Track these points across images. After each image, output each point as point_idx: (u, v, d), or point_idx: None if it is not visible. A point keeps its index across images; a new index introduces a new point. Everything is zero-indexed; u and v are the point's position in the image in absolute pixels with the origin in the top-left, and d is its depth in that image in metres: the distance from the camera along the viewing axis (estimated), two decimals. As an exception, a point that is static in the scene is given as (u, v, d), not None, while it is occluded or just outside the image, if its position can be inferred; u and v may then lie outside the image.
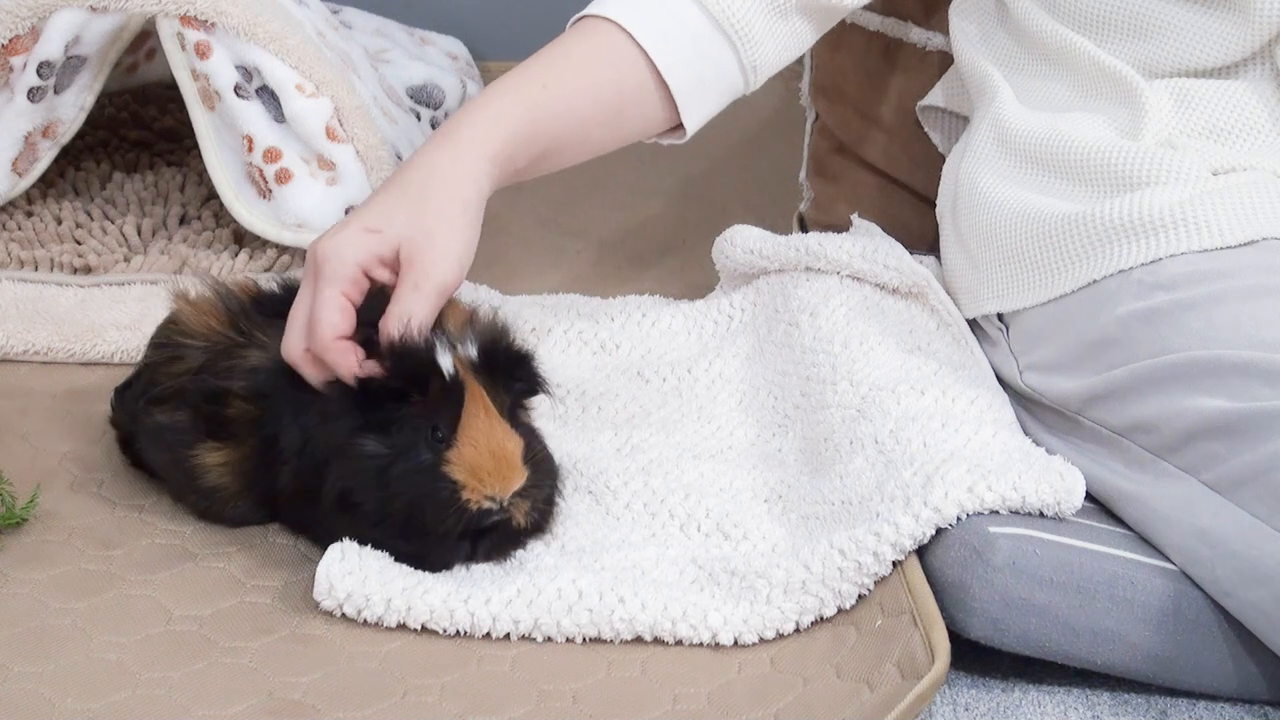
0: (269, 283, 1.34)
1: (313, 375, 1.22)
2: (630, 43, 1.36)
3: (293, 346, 1.22)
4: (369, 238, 1.23)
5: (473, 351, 1.22)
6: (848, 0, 1.43)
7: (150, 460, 1.33)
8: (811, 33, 1.44)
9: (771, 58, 1.41)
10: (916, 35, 1.71)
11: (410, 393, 1.19)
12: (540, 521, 1.25)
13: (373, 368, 1.20)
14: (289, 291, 1.32)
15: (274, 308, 1.30)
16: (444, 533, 1.19)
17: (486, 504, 1.19)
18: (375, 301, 1.24)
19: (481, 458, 1.19)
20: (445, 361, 1.19)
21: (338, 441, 1.20)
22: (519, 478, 1.20)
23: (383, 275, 1.24)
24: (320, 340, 1.21)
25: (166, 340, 1.32)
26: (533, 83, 1.32)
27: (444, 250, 1.23)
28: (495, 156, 1.29)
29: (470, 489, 1.19)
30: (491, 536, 1.22)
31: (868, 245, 1.49)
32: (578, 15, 1.39)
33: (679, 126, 1.42)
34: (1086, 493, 1.25)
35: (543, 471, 1.23)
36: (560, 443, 1.38)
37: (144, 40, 1.82)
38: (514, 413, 1.25)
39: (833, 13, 1.44)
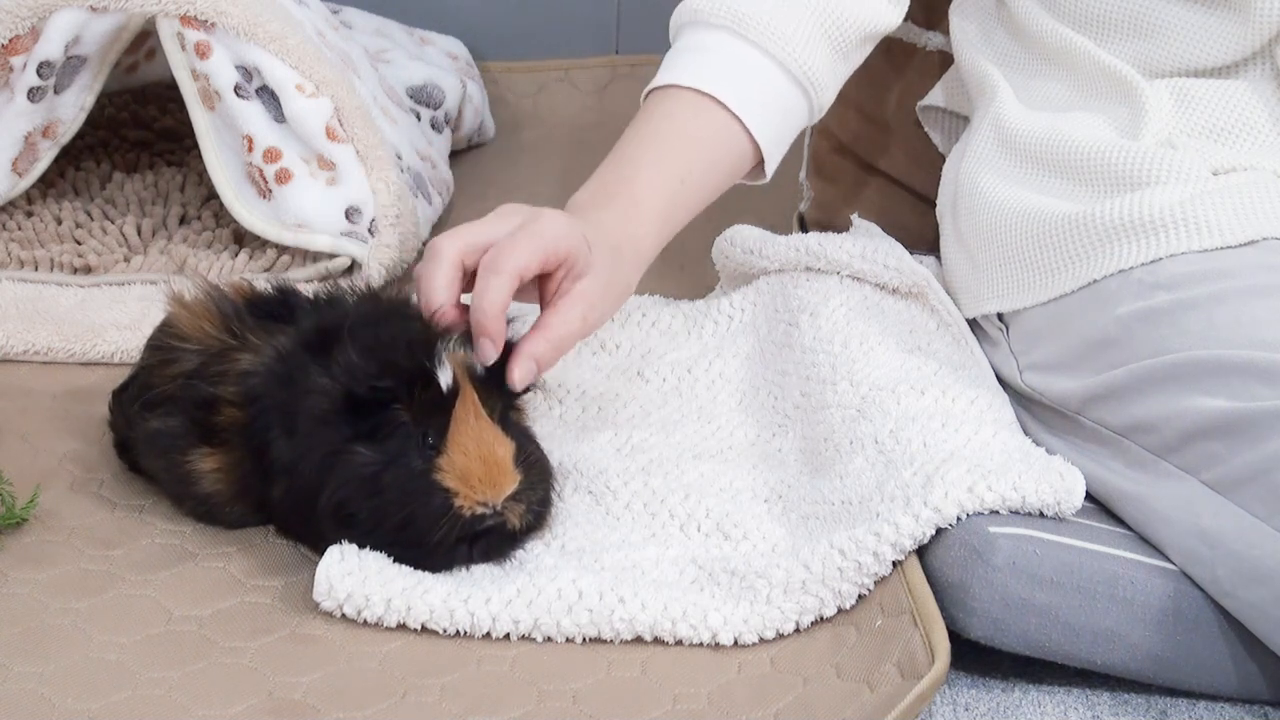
0: (264, 285, 1.34)
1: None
2: (735, 121, 1.40)
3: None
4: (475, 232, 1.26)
5: (470, 354, 1.22)
6: (894, 18, 1.48)
7: (146, 465, 1.33)
8: (862, 59, 1.50)
9: (833, 93, 1.48)
10: (916, 35, 1.71)
11: (399, 395, 1.19)
12: (536, 523, 1.25)
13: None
14: (283, 294, 1.32)
15: (268, 310, 1.30)
16: (438, 540, 1.19)
17: (479, 510, 1.19)
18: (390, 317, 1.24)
19: (472, 464, 1.18)
20: (444, 372, 1.19)
21: (330, 450, 1.20)
22: (511, 482, 1.20)
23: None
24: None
25: (161, 343, 1.31)
26: (674, 177, 1.37)
27: (541, 229, 1.24)
28: (650, 257, 1.36)
29: (462, 496, 1.18)
30: (488, 538, 1.22)
31: (868, 245, 1.48)
32: (669, 82, 1.41)
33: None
34: (1086, 493, 1.25)
35: (536, 473, 1.23)
36: (560, 443, 1.38)
37: (144, 40, 1.82)
38: (506, 414, 1.24)
39: (883, 35, 1.50)
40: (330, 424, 1.20)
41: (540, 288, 1.27)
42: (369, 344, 1.20)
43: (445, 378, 1.19)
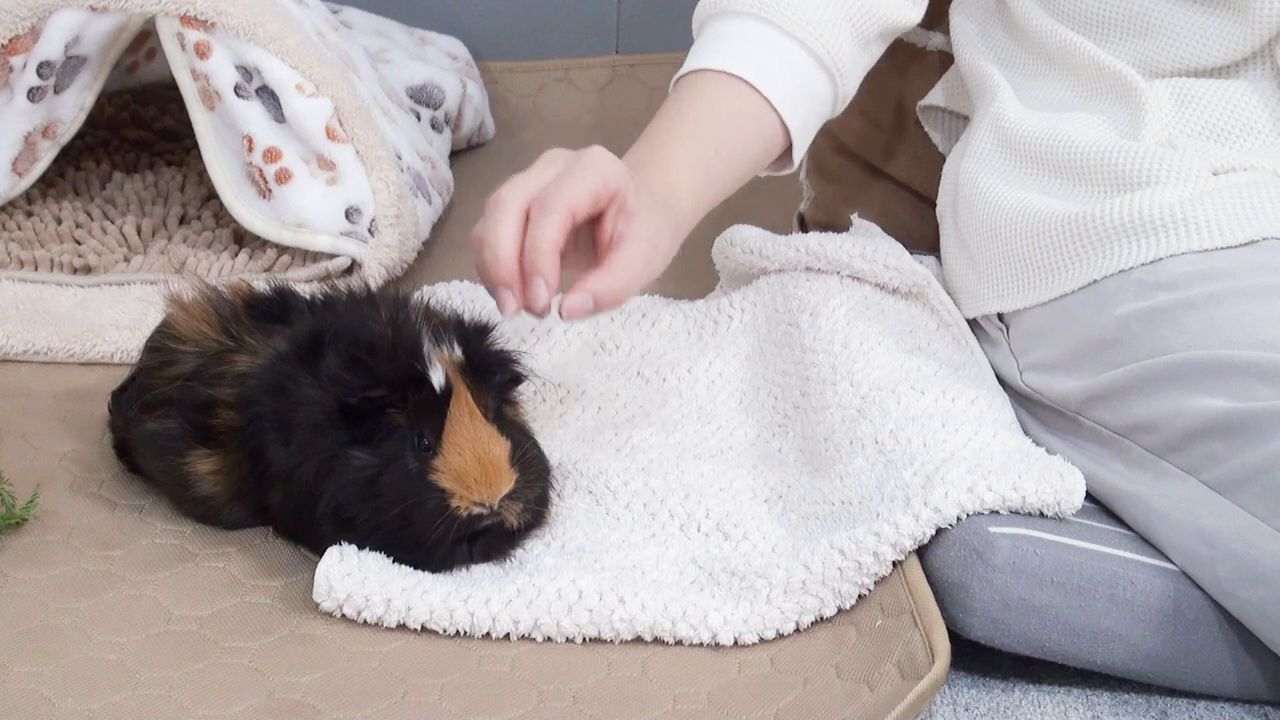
0: (263, 286, 1.34)
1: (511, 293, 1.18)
2: (764, 103, 1.40)
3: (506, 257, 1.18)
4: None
5: (459, 352, 1.22)
6: (914, 16, 1.47)
7: (145, 467, 1.33)
8: (879, 53, 1.49)
9: (854, 86, 1.47)
10: (916, 35, 1.71)
11: (393, 401, 1.19)
12: (534, 521, 1.25)
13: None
14: (281, 294, 1.32)
15: (266, 311, 1.30)
16: (436, 541, 1.19)
17: (476, 510, 1.19)
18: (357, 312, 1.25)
19: (467, 464, 1.18)
20: (436, 373, 1.19)
21: (327, 455, 1.20)
22: (507, 482, 1.20)
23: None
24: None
25: (159, 345, 1.31)
26: (707, 149, 1.36)
27: (590, 164, 1.20)
28: (684, 228, 1.32)
29: (458, 496, 1.18)
30: (486, 538, 1.22)
31: (868, 245, 1.48)
32: (697, 67, 1.40)
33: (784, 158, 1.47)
34: (1086, 493, 1.25)
35: (533, 471, 1.23)
36: (560, 443, 1.38)
37: (144, 40, 1.82)
38: (500, 411, 1.24)
39: (900, 32, 1.49)
40: (325, 431, 1.20)
41: (594, 236, 1.23)
42: (356, 352, 1.20)
43: (438, 378, 1.19)
